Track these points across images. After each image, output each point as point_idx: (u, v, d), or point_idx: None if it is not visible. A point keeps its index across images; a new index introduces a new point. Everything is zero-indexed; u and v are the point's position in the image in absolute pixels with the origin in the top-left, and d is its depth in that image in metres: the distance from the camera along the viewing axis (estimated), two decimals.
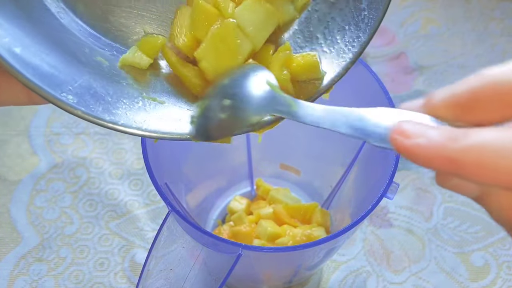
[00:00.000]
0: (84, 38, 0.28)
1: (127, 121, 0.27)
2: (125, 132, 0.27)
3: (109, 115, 0.26)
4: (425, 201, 0.51)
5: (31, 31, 0.26)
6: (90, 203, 0.50)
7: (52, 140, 0.54)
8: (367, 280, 0.46)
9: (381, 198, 0.32)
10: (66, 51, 0.27)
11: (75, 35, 0.28)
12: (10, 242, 0.48)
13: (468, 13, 0.66)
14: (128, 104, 0.28)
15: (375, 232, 0.49)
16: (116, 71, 0.29)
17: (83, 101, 0.26)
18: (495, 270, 0.47)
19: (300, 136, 0.46)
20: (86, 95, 0.26)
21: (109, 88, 0.28)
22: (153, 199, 0.50)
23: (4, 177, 0.52)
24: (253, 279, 0.42)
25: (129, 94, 0.28)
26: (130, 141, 0.54)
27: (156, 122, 0.28)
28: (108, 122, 0.26)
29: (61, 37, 0.27)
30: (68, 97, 0.25)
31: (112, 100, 0.27)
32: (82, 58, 0.28)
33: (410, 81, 0.60)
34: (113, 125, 0.26)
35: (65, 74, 0.26)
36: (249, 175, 0.50)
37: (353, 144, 0.41)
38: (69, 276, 0.46)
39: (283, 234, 0.43)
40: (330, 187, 0.46)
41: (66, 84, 0.26)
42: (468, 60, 0.61)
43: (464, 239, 0.48)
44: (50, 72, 0.25)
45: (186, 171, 0.43)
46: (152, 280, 0.33)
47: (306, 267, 0.40)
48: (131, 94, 0.28)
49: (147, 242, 0.48)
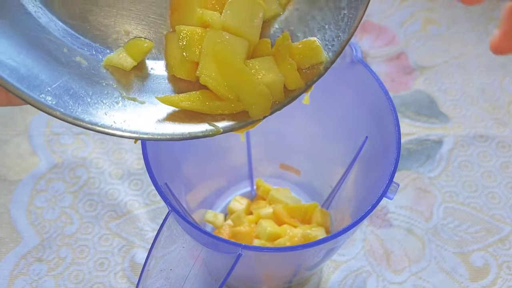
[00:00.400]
0: (62, 38, 0.28)
1: (106, 121, 0.27)
2: (104, 133, 0.27)
3: (88, 116, 0.26)
4: (425, 201, 0.51)
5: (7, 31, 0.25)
6: (90, 203, 0.50)
7: (52, 140, 0.54)
8: (367, 280, 0.46)
9: (381, 198, 0.32)
10: (45, 52, 0.27)
11: (54, 35, 0.28)
12: (10, 242, 0.48)
13: (468, 13, 0.66)
14: (108, 105, 0.28)
15: (375, 232, 0.49)
16: (95, 71, 0.28)
17: (62, 102, 0.26)
18: (495, 270, 0.47)
19: (300, 136, 0.46)
20: (65, 96, 0.26)
21: (89, 89, 0.27)
22: (153, 199, 0.50)
23: (4, 177, 0.52)
24: (253, 279, 0.42)
25: (108, 95, 0.28)
26: (130, 141, 0.54)
27: (136, 123, 0.28)
28: (87, 123, 0.26)
29: (39, 37, 0.27)
30: (46, 98, 0.25)
31: (92, 101, 0.27)
32: (61, 58, 0.27)
33: (410, 81, 0.60)
34: (92, 126, 0.26)
35: (43, 75, 0.26)
36: (249, 175, 0.50)
37: (353, 144, 0.41)
38: (69, 276, 0.46)
39: (283, 234, 0.43)
40: (330, 187, 0.46)
41: (44, 85, 0.26)
42: (468, 60, 0.61)
43: (464, 239, 0.48)
44: (28, 73, 0.25)
45: (186, 171, 0.43)
46: (152, 280, 0.33)
47: (306, 267, 0.40)
48: (111, 95, 0.28)
49: (147, 242, 0.48)
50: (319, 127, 0.45)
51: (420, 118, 0.56)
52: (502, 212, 0.50)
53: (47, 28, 0.28)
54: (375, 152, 0.38)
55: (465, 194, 0.51)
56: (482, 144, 0.54)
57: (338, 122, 0.43)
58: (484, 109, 0.57)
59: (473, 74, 0.60)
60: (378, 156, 0.37)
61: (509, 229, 0.49)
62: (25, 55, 0.26)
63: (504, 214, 0.50)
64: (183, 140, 0.28)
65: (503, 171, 0.52)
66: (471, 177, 0.52)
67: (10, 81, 0.24)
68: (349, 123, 0.41)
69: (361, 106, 0.39)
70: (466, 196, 0.51)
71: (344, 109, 0.41)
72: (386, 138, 0.35)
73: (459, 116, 0.57)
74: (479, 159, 0.53)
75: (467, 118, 0.57)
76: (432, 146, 0.54)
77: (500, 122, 0.56)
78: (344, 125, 0.42)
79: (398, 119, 0.34)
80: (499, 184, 0.52)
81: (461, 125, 0.56)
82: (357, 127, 0.40)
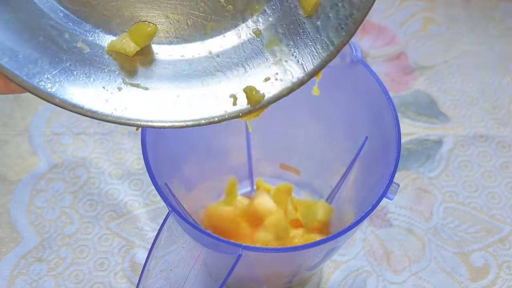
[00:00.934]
0: (64, 24, 0.28)
1: (107, 109, 0.26)
2: (104, 120, 0.26)
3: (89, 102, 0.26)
4: (425, 201, 0.51)
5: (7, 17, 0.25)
6: (90, 203, 0.50)
7: (52, 140, 0.54)
8: (367, 280, 0.46)
9: (381, 198, 0.32)
10: (46, 38, 0.26)
11: (55, 20, 0.27)
12: (10, 242, 0.48)
13: (468, 13, 0.66)
14: (110, 91, 0.27)
15: (375, 232, 0.49)
16: (98, 57, 0.28)
17: (61, 88, 0.25)
18: (495, 270, 0.47)
19: (300, 136, 0.46)
20: (65, 83, 0.26)
21: (90, 75, 0.27)
22: (153, 199, 0.50)
23: (4, 177, 0.52)
24: (253, 279, 0.42)
25: (110, 81, 0.28)
26: (130, 141, 0.54)
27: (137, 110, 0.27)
28: (87, 110, 0.26)
29: (40, 23, 0.27)
30: (46, 86, 0.25)
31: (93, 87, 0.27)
32: (62, 44, 0.27)
33: (410, 81, 0.60)
34: (91, 113, 0.26)
35: (43, 62, 0.25)
36: (249, 175, 0.50)
37: (353, 144, 0.41)
38: (69, 276, 0.46)
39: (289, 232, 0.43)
40: (330, 187, 0.46)
41: (44, 72, 0.25)
42: (468, 60, 0.62)
43: (464, 239, 0.48)
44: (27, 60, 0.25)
45: (186, 171, 0.43)
46: (152, 280, 0.33)
47: (306, 267, 0.40)
48: (113, 81, 0.28)
49: (147, 242, 0.48)
50: (319, 127, 0.45)
51: (420, 118, 0.56)
52: (502, 212, 0.50)
53: (48, 13, 0.27)
54: (375, 152, 0.38)
55: (465, 194, 0.51)
56: (482, 144, 0.54)
57: (338, 122, 0.43)
58: (484, 109, 0.57)
59: (473, 74, 0.60)
60: (378, 156, 0.37)
61: (509, 229, 0.49)
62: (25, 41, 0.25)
63: (504, 214, 0.50)
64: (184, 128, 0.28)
65: (503, 171, 0.53)
66: (471, 177, 0.52)
67: (8, 68, 0.24)
68: (349, 123, 0.41)
69: (361, 106, 0.39)
70: (466, 196, 0.51)
71: (344, 109, 0.41)
72: (386, 138, 0.35)
73: (459, 116, 0.57)
74: (479, 159, 0.53)
75: (467, 118, 0.57)
76: (432, 146, 0.54)
77: (500, 122, 0.56)
78: (344, 125, 0.42)
79: (398, 119, 0.35)
80: (499, 184, 0.52)
81: (461, 125, 0.56)
82: (357, 127, 0.40)
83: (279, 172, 0.50)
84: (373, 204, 0.31)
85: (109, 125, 0.55)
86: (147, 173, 0.33)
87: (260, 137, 0.46)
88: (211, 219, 0.44)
